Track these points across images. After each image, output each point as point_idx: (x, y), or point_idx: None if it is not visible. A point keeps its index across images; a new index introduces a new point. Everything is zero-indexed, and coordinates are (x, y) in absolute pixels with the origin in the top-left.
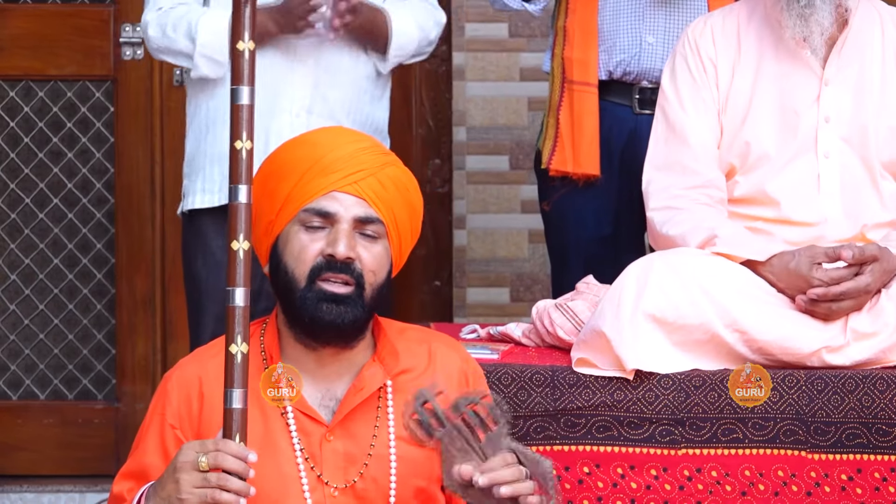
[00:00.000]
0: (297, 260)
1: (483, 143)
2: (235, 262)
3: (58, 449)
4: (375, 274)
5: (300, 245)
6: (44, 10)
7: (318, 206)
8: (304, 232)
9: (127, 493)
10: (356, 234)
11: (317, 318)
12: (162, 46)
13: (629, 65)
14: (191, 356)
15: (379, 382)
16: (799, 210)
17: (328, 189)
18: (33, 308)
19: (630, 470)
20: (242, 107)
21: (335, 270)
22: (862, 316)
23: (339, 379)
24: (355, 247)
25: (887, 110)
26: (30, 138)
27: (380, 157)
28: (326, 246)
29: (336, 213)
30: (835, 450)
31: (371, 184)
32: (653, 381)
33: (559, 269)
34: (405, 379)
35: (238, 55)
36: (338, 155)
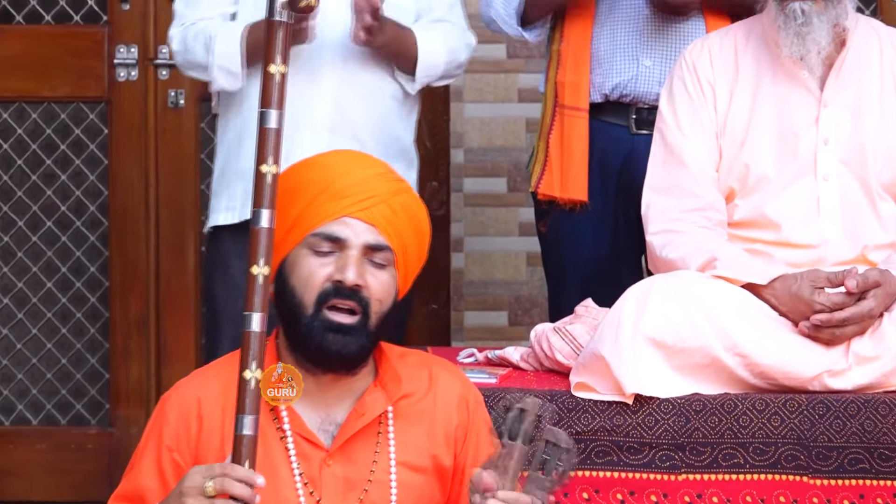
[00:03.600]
0: (306, 285)
1: (481, 165)
2: (254, 287)
3: (51, 474)
4: (382, 302)
5: (309, 269)
6: (37, 31)
7: (328, 231)
8: (313, 256)
9: None
10: (365, 261)
11: (323, 347)
12: (185, 61)
13: (626, 88)
14: (190, 377)
15: (381, 409)
16: (799, 232)
17: (339, 214)
18: (26, 332)
19: (630, 496)
20: (270, 130)
21: (343, 297)
22: (864, 340)
23: (339, 404)
24: (364, 274)
25: (886, 132)
26: (23, 160)
27: (392, 184)
28: (335, 272)
29: (346, 238)
30: (837, 475)
31: (382, 211)
32: (653, 405)
33: (557, 291)
34: (405, 404)
35: (269, 78)
36: (350, 180)
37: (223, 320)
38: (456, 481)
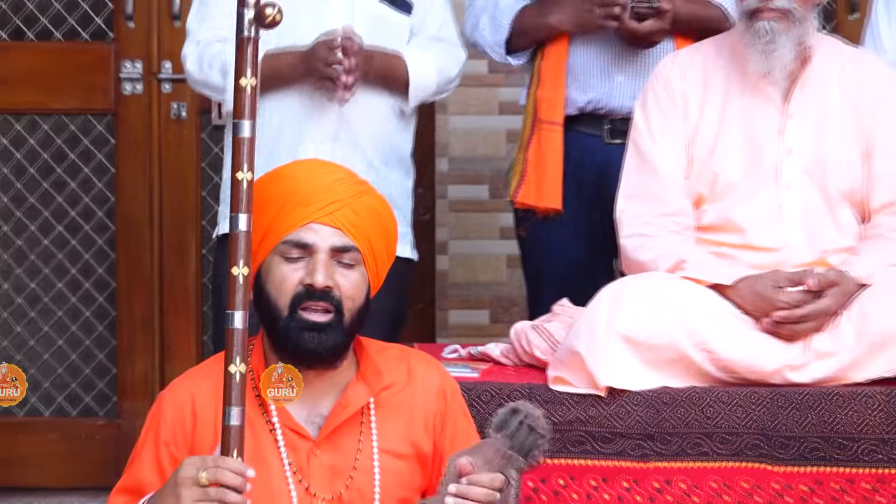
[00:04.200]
0: (279, 290)
1: (464, 173)
2: (235, 287)
3: (61, 463)
4: (353, 300)
5: (281, 275)
6: (47, 48)
7: (296, 238)
8: (285, 262)
9: None
10: (334, 263)
11: (300, 345)
12: (199, 80)
13: (600, 102)
14: (183, 376)
15: (363, 401)
16: (762, 237)
17: (305, 221)
18: (38, 329)
19: (603, 482)
20: (244, 140)
21: (315, 299)
22: (822, 336)
23: (323, 396)
24: (333, 275)
25: (846, 144)
26: (35, 169)
27: (353, 188)
28: (306, 276)
29: (314, 243)
30: (796, 463)
31: (346, 214)
32: (624, 397)
33: (535, 291)
34: (386, 395)
35: (240, 90)
36: (313, 187)
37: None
38: (435, 466)
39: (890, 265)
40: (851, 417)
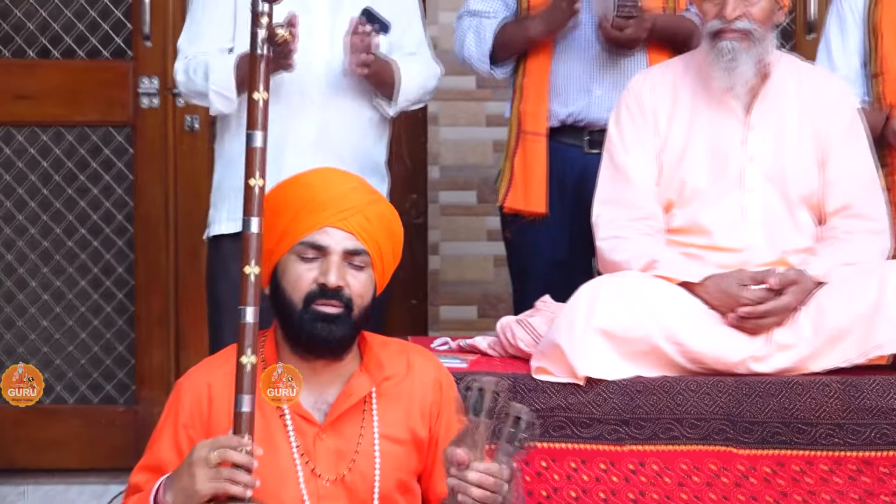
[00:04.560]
0: (294, 287)
1: (454, 180)
2: (247, 285)
3: (84, 447)
4: (362, 297)
5: (296, 274)
6: (71, 65)
7: (312, 240)
8: (300, 262)
9: (144, 484)
10: (345, 265)
11: (312, 335)
12: (187, 90)
13: (579, 115)
14: (200, 365)
15: (365, 390)
16: (727, 238)
17: (321, 224)
18: (63, 323)
19: (582, 464)
20: (256, 149)
21: (327, 297)
22: (783, 330)
23: (330, 385)
24: (345, 276)
25: (803, 152)
26: (60, 176)
27: (366, 196)
28: (319, 275)
29: (328, 246)
30: (759, 446)
31: (359, 220)
32: (601, 386)
33: (520, 289)
34: (387, 385)
35: (254, 104)
36: (329, 194)
37: (224, 313)
38: (431, 451)
39: (844, 264)
40: (810, 404)
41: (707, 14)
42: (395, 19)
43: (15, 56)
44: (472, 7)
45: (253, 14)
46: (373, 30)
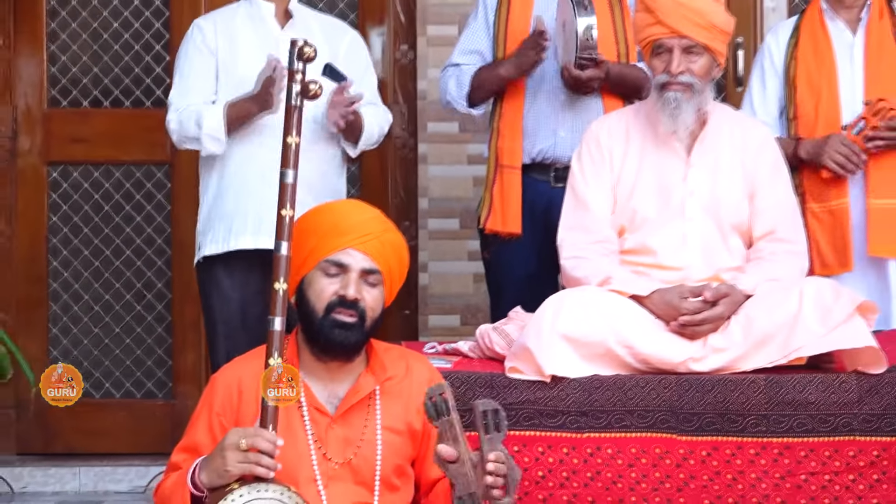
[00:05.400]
0: (318, 297)
1: (440, 209)
2: (276, 299)
3: (129, 435)
4: (374, 310)
5: (321, 286)
6: (119, 113)
7: (335, 259)
8: (324, 277)
9: (182, 463)
10: (362, 282)
11: (330, 339)
12: (180, 137)
13: (547, 153)
14: (232, 363)
15: (370, 388)
16: (670, 259)
17: (344, 246)
18: (111, 330)
19: (548, 448)
20: (288, 185)
21: (345, 307)
22: (717, 335)
23: (341, 383)
24: (361, 290)
25: (735, 186)
26: (109, 206)
27: (382, 225)
28: (340, 289)
29: (349, 264)
30: (697, 433)
31: (375, 245)
32: (564, 383)
33: (496, 300)
34: (389, 384)
35: (287, 146)
36: (352, 222)
37: (218, 323)
38: (424, 440)
39: (769, 280)
40: (740, 398)
41: (656, 69)
42: (351, 72)
43: (72, 105)
44: (454, 60)
45: (289, 71)
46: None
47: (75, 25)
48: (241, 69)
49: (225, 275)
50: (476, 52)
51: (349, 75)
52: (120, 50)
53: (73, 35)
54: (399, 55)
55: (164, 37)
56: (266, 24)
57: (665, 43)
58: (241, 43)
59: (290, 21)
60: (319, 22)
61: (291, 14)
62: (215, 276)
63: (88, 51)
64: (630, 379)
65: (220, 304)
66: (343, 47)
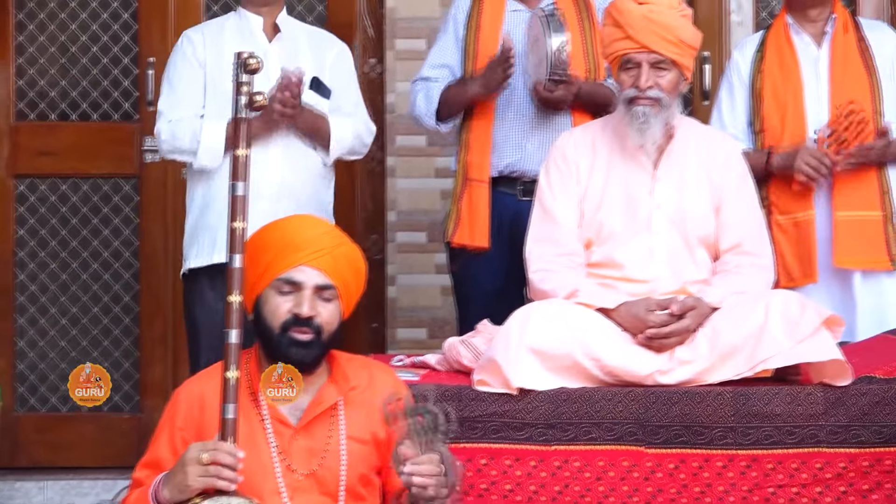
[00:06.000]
0: (273, 316)
1: (408, 222)
2: (231, 311)
3: (95, 448)
4: (330, 325)
5: (275, 304)
6: (87, 126)
7: (288, 277)
8: (278, 295)
9: (145, 479)
10: (316, 298)
11: (288, 357)
12: (171, 147)
13: (514, 166)
14: (194, 378)
15: (333, 399)
16: (637, 271)
17: (296, 264)
18: (78, 343)
19: (515, 461)
20: (239, 197)
21: (300, 325)
22: (684, 348)
23: (303, 394)
24: (316, 307)
25: (701, 200)
26: (77, 219)
27: (335, 239)
28: (294, 307)
29: (302, 282)
30: (664, 446)
31: (328, 260)
32: (531, 395)
33: (463, 313)
34: (352, 395)
35: (237, 159)
36: (304, 237)
37: (202, 334)
38: (389, 449)
39: (735, 293)
40: (706, 410)
41: (624, 83)
42: (334, 84)
43: (39, 119)
44: (424, 74)
45: (235, 84)
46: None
47: (43, 38)
48: (228, 82)
49: (209, 287)
50: (446, 66)
51: (332, 86)
52: (88, 63)
53: (41, 48)
54: (367, 69)
55: (132, 50)
56: (254, 36)
57: (634, 58)
58: (228, 55)
59: (278, 34)
60: (307, 34)
61: (279, 27)
62: (199, 288)
63: (56, 64)
64: (597, 391)
65: (203, 315)
66: (330, 59)
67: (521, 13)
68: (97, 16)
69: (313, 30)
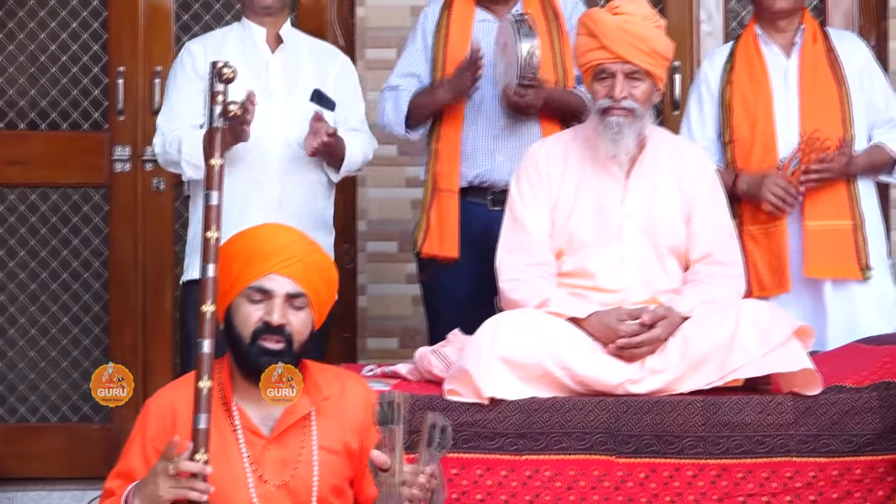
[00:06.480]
0: (244, 324)
1: (379, 232)
2: (204, 321)
3: (65, 458)
4: (301, 333)
5: (246, 313)
6: (57, 135)
7: (259, 285)
8: (249, 303)
9: (116, 489)
10: (287, 306)
11: (258, 366)
12: (164, 160)
13: (485, 176)
14: (166, 388)
15: (305, 409)
16: (608, 281)
17: (267, 272)
18: (47, 354)
19: (486, 471)
20: (213, 206)
21: (271, 333)
22: (654, 357)
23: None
24: (287, 315)
25: (672, 210)
26: (46, 228)
27: (306, 247)
28: (265, 315)
29: (273, 290)
30: (635, 455)
31: (299, 268)
32: (502, 405)
33: (434, 323)
34: (325, 405)
35: (211, 168)
36: (275, 245)
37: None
38: (361, 460)
39: (706, 303)
40: (677, 420)
41: (597, 93)
42: (340, 99)
43: (8, 128)
44: (392, 83)
45: (210, 93)
46: (319, 112)
47: (12, 47)
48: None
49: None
50: (414, 74)
51: (337, 100)
52: (57, 72)
53: (10, 57)
54: None
55: (101, 59)
56: (257, 48)
57: (608, 68)
58: None
59: (280, 45)
60: (310, 46)
61: (282, 39)
62: (195, 300)
63: (25, 73)
64: (568, 401)
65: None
66: (333, 72)
67: (490, 23)
68: (66, 25)
69: (316, 42)
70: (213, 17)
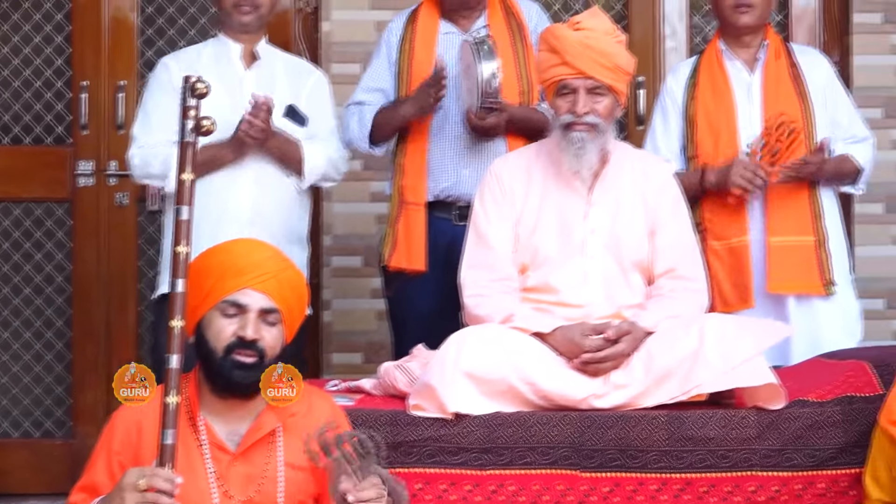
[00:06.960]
0: (217, 339)
1: (343, 247)
2: (172, 336)
3: (28, 473)
4: (273, 349)
5: (219, 327)
6: (19, 150)
7: (233, 299)
8: (223, 317)
9: (81, 503)
10: (260, 321)
11: (230, 380)
12: (142, 172)
13: (451, 190)
14: None
15: (272, 425)
16: (572, 296)
17: (242, 286)
18: (9, 369)
19: (451, 486)
20: (183, 221)
21: (244, 347)
22: (618, 372)
23: (242, 420)
24: (260, 330)
25: (636, 225)
26: (8, 244)
27: (280, 264)
28: (238, 329)
29: (247, 304)
30: (599, 470)
31: (273, 284)
32: (467, 420)
33: (399, 338)
34: (291, 421)
35: (182, 183)
36: (249, 261)
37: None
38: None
39: (670, 317)
40: (641, 434)
41: (560, 109)
42: (311, 110)
43: None
44: (357, 98)
45: (182, 108)
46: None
47: None
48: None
49: None
50: (379, 90)
51: (308, 113)
52: (20, 86)
53: None
54: None
55: (65, 73)
56: (232, 63)
57: (570, 83)
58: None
59: (255, 62)
60: (285, 62)
61: (258, 55)
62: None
63: None
64: (532, 416)
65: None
66: (307, 87)
67: (454, 35)
68: (30, 39)
69: (291, 58)
70: (177, 31)
